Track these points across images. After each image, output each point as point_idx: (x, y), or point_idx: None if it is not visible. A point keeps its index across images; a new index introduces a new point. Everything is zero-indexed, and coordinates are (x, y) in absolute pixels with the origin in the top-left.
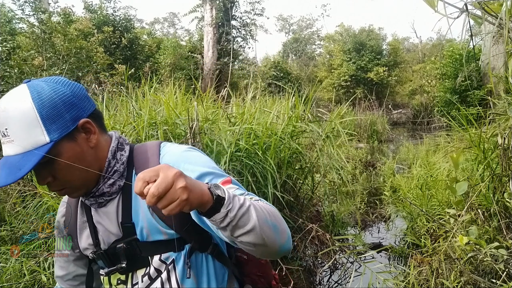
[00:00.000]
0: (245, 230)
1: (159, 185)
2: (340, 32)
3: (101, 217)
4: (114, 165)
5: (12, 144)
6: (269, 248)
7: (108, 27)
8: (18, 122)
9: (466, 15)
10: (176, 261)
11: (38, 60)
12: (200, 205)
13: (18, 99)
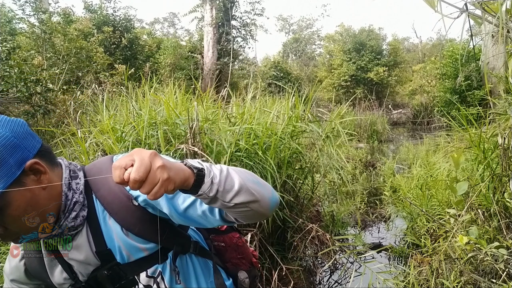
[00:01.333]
0: (234, 191)
1: (138, 169)
2: (340, 32)
3: (71, 252)
4: (73, 196)
5: None
6: (261, 202)
7: (108, 27)
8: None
9: (466, 15)
10: (163, 271)
11: (38, 59)
12: (183, 181)
13: None
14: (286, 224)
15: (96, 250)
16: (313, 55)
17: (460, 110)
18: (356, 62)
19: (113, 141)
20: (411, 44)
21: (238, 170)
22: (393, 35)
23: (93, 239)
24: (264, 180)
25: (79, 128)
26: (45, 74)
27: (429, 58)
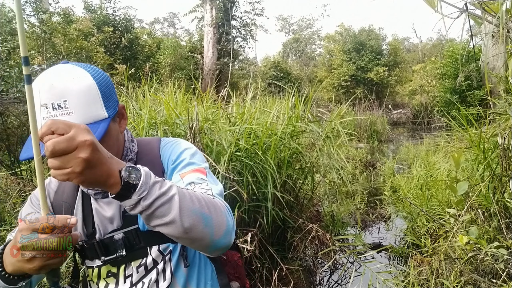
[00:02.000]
0: (163, 221)
1: (57, 143)
2: (340, 32)
3: (101, 206)
4: (129, 153)
5: (70, 117)
6: (196, 242)
7: (108, 27)
8: (80, 95)
9: (466, 15)
10: (172, 252)
11: (38, 59)
12: (100, 185)
13: (77, 75)
14: (286, 224)
15: (123, 210)
16: (313, 55)
17: (460, 110)
18: (356, 62)
19: None
20: (411, 44)
21: (198, 198)
22: (393, 35)
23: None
24: (226, 219)
25: None
26: None
27: (429, 58)
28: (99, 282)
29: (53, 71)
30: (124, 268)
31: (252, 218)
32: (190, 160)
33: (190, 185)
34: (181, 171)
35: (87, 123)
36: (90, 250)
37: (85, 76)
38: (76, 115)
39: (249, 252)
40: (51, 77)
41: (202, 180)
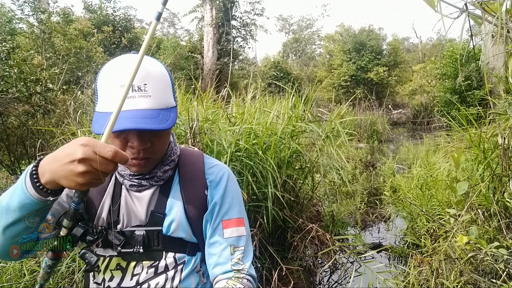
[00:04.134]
0: None
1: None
2: (340, 32)
3: (132, 199)
4: (172, 154)
5: (148, 100)
6: None
7: (108, 27)
8: (159, 81)
9: (466, 15)
10: (186, 263)
11: (38, 59)
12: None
13: (156, 64)
14: (286, 224)
15: (153, 209)
16: (313, 55)
17: (460, 110)
18: (356, 62)
19: None
20: (411, 44)
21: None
22: (393, 35)
23: (156, 200)
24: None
25: (79, 128)
26: (44, 74)
27: (429, 58)
28: (105, 272)
29: (133, 58)
30: (134, 265)
31: (252, 218)
32: (239, 209)
33: (228, 248)
34: (224, 217)
35: (161, 108)
36: (107, 239)
37: (160, 65)
38: (153, 99)
39: None
40: (129, 62)
41: (239, 244)
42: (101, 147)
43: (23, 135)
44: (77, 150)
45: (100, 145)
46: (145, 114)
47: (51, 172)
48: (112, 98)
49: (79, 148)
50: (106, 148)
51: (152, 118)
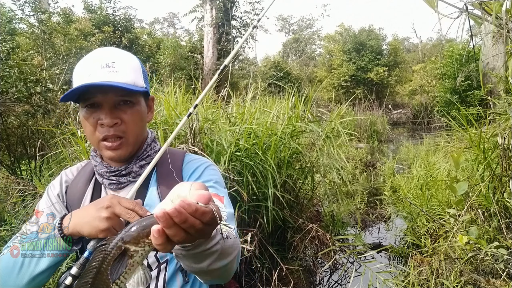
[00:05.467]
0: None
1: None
2: (340, 32)
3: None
4: (149, 150)
5: (116, 74)
6: (209, 276)
7: (108, 27)
8: (128, 62)
9: (466, 15)
10: (169, 262)
11: (38, 59)
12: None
13: (123, 51)
14: (286, 224)
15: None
16: (313, 55)
17: (460, 110)
18: (356, 62)
19: None
20: (411, 44)
21: (234, 247)
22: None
23: (134, 199)
24: (236, 260)
25: (79, 128)
26: (44, 74)
27: (429, 58)
28: None
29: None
30: None
31: (252, 218)
32: (213, 184)
33: None
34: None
35: (130, 83)
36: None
37: (128, 53)
38: (121, 74)
39: (249, 252)
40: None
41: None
42: (124, 200)
43: (23, 135)
44: (105, 200)
45: (125, 199)
46: (112, 83)
47: (76, 220)
48: (85, 74)
49: (107, 198)
50: (129, 200)
51: (116, 85)
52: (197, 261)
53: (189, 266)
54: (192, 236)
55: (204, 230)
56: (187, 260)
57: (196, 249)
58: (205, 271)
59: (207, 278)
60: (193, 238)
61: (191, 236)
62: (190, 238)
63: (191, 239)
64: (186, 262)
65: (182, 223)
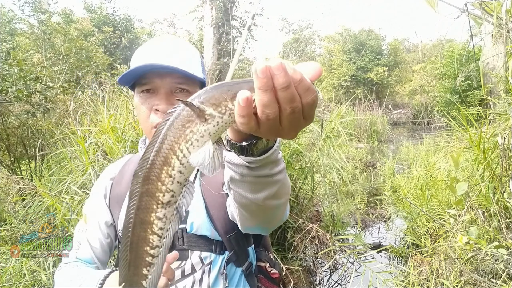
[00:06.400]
0: (281, 166)
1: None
2: (340, 33)
3: None
4: None
5: (176, 60)
6: (273, 211)
7: (108, 27)
8: (187, 50)
9: (466, 15)
10: (213, 263)
11: (37, 57)
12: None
13: (184, 41)
14: (286, 224)
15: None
16: (313, 55)
17: (460, 110)
18: (356, 62)
19: (113, 140)
20: (411, 44)
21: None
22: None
23: None
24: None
25: (79, 128)
26: (44, 71)
27: (429, 58)
28: None
29: (164, 35)
30: None
31: None
32: None
33: None
34: None
35: (189, 71)
36: None
37: (189, 44)
38: (180, 61)
39: None
40: (161, 38)
41: None
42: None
43: (23, 135)
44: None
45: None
46: (173, 67)
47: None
48: (147, 59)
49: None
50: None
51: (178, 68)
52: (255, 189)
53: (243, 197)
54: (284, 119)
55: (299, 114)
56: (244, 187)
57: (261, 169)
58: (259, 206)
59: (253, 221)
60: (283, 124)
61: (282, 117)
62: (279, 123)
63: (278, 125)
64: (242, 190)
65: (283, 89)
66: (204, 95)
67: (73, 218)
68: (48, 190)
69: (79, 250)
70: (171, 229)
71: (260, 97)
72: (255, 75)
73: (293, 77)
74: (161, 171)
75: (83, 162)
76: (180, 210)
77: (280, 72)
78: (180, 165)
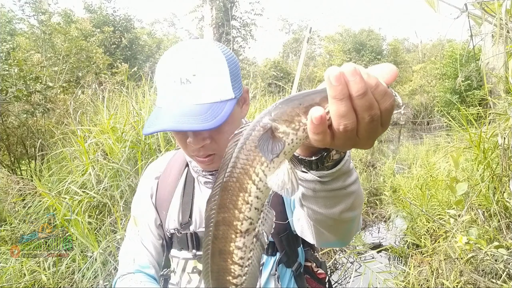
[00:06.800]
0: (347, 182)
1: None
2: (340, 33)
3: (205, 198)
4: None
5: (195, 94)
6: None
7: (108, 27)
8: (211, 71)
9: (466, 15)
10: (264, 265)
11: (37, 57)
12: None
13: (209, 48)
14: None
15: None
16: (313, 55)
17: (460, 110)
18: (356, 62)
19: (113, 140)
20: (411, 44)
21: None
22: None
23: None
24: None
25: (79, 128)
26: (44, 71)
27: (429, 58)
28: (183, 275)
29: (187, 46)
30: None
31: None
32: None
33: None
34: None
35: (212, 101)
36: (181, 240)
37: (216, 52)
38: (201, 92)
39: None
40: (184, 52)
41: None
42: None
43: (23, 135)
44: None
45: None
46: (189, 111)
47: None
48: (165, 94)
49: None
50: None
51: (197, 116)
52: (330, 203)
53: (318, 213)
54: (361, 128)
55: (378, 121)
56: (318, 203)
57: (334, 182)
58: (335, 220)
59: (331, 236)
60: (361, 133)
61: (360, 127)
62: (356, 133)
63: (355, 136)
64: (316, 206)
65: (360, 95)
66: (275, 112)
67: (73, 218)
68: (48, 190)
69: (138, 257)
70: (254, 257)
71: (335, 107)
72: (328, 83)
73: (368, 82)
74: (237, 198)
75: (83, 162)
76: (260, 237)
77: (355, 78)
78: (256, 190)
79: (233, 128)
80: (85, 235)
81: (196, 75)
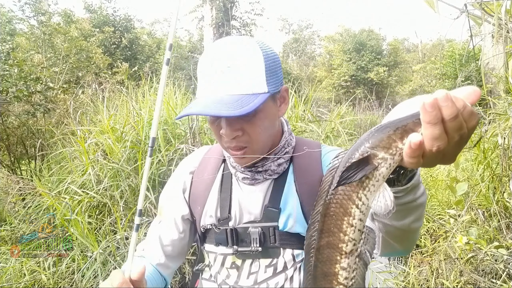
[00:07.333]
0: (421, 190)
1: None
2: (340, 33)
3: (244, 193)
4: (286, 146)
5: (228, 84)
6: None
7: (108, 27)
8: (245, 64)
9: (466, 15)
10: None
11: (38, 57)
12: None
13: (247, 43)
14: None
15: (267, 204)
16: (313, 55)
17: None
18: (356, 62)
19: (113, 141)
20: (411, 44)
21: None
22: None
23: (270, 194)
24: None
25: (79, 128)
26: (45, 72)
27: (429, 58)
28: (221, 270)
29: (227, 40)
30: (250, 263)
31: None
32: None
33: None
34: None
35: (243, 93)
36: (219, 236)
37: (254, 47)
38: (234, 83)
39: None
40: (223, 46)
41: None
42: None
43: (23, 135)
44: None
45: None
46: (220, 100)
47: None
48: (201, 85)
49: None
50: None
51: (227, 104)
52: (401, 216)
53: (390, 225)
54: (450, 147)
55: (465, 139)
56: (391, 217)
57: (406, 196)
58: (404, 231)
59: (398, 246)
60: (448, 151)
61: (449, 146)
62: (446, 152)
63: (443, 154)
64: (387, 220)
65: (451, 119)
66: (372, 139)
67: (73, 218)
68: (48, 190)
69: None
70: (358, 276)
71: (430, 131)
72: (423, 109)
73: (457, 105)
74: (342, 222)
75: (83, 162)
76: (363, 257)
77: (448, 103)
78: (360, 213)
79: (266, 123)
80: (85, 235)
81: (230, 67)
